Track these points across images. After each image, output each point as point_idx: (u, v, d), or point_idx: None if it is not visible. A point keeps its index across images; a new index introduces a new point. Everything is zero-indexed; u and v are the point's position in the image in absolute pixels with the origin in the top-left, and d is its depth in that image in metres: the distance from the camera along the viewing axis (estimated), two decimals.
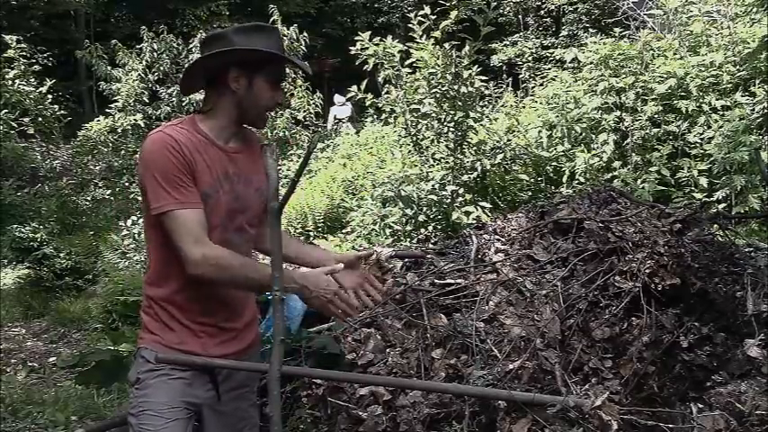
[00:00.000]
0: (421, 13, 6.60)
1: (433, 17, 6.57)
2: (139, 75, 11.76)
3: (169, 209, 1.83)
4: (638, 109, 6.96)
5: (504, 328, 3.03)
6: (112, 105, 11.69)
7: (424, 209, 6.65)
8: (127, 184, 10.94)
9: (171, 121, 2.04)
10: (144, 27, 12.33)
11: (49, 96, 10.94)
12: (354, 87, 7.06)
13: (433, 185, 6.64)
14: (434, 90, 6.59)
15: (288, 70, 8.82)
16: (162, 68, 12.05)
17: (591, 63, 7.58)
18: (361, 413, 2.77)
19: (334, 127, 12.98)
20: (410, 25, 6.78)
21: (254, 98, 1.93)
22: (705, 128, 6.60)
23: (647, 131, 6.79)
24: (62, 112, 11.17)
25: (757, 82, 6.74)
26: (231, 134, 1.98)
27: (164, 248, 1.95)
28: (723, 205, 6.09)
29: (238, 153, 1.99)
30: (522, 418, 2.61)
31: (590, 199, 3.76)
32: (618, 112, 7.02)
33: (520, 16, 18.24)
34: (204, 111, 1.97)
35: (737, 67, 6.87)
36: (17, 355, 5.24)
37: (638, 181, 6.48)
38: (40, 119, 10.78)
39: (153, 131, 1.93)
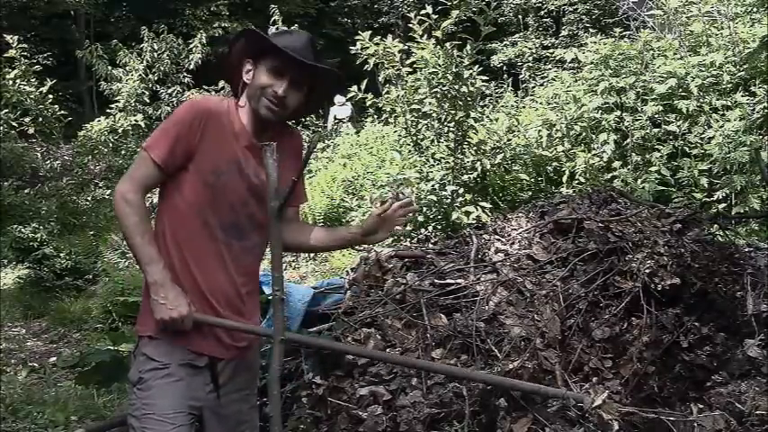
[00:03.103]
0: (423, 12, 6.60)
1: (435, 17, 6.57)
2: (140, 75, 11.77)
3: (147, 146, 1.96)
4: (639, 109, 6.96)
5: (505, 328, 3.03)
6: (113, 105, 11.69)
7: (424, 209, 6.65)
8: None
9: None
10: (144, 27, 12.34)
11: (50, 96, 10.92)
12: (354, 87, 7.06)
13: (433, 185, 6.64)
14: (435, 90, 6.59)
15: None
16: (162, 68, 12.05)
17: (591, 63, 7.58)
18: (361, 413, 2.77)
19: (334, 127, 12.97)
20: (410, 25, 6.78)
21: (254, 84, 1.99)
22: (705, 128, 6.60)
23: (648, 131, 6.79)
24: (62, 112, 11.15)
25: (757, 82, 6.74)
26: (261, 128, 2.02)
27: (164, 238, 1.99)
28: (723, 205, 6.08)
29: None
30: (523, 417, 2.61)
31: (590, 199, 3.76)
32: (618, 112, 7.02)
33: (520, 16, 18.22)
34: (241, 104, 2.05)
35: (738, 67, 6.87)
36: (17, 355, 5.24)
37: (638, 181, 6.47)
38: (40, 119, 10.76)
39: (209, 95, 2.03)
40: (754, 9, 7.58)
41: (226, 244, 1.99)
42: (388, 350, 3.05)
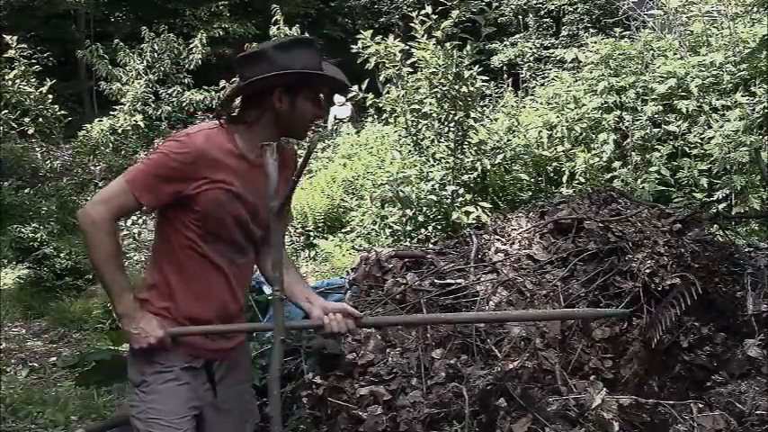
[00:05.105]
0: (423, 12, 6.60)
1: (435, 17, 6.58)
2: (141, 75, 11.77)
3: (126, 180, 1.88)
4: (639, 109, 6.96)
5: (504, 328, 3.03)
6: (117, 107, 11.69)
7: (424, 209, 6.65)
8: None
9: (205, 122, 2.04)
10: (144, 27, 12.35)
11: (50, 96, 10.91)
12: (355, 87, 7.05)
13: (432, 185, 6.64)
14: (435, 90, 6.60)
15: None
16: (162, 69, 12.06)
17: (591, 63, 7.58)
18: (361, 413, 2.77)
19: (335, 127, 12.96)
20: (411, 25, 6.79)
21: (297, 115, 1.94)
22: (705, 128, 6.60)
23: (648, 131, 6.79)
24: (62, 112, 11.15)
25: (757, 82, 6.74)
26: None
27: (164, 245, 1.98)
28: (723, 205, 6.09)
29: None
30: (523, 417, 2.61)
31: (590, 199, 3.76)
32: (618, 112, 7.02)
33: (520, 17, 18.23)
34: (244, 121, 1.96)
35: (738, 67, 6.87)
36: (17, 355, 5.24)
37: (638, 181, 6.47)
38: (40, 119, 10.76)
39: (191, 130, 1.94)
40: (754, 9, 7.58)
41: (228, 265, 1.99)
42: (388, 350, 3.05)
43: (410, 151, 7.26)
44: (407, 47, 6.85)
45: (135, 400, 1.99)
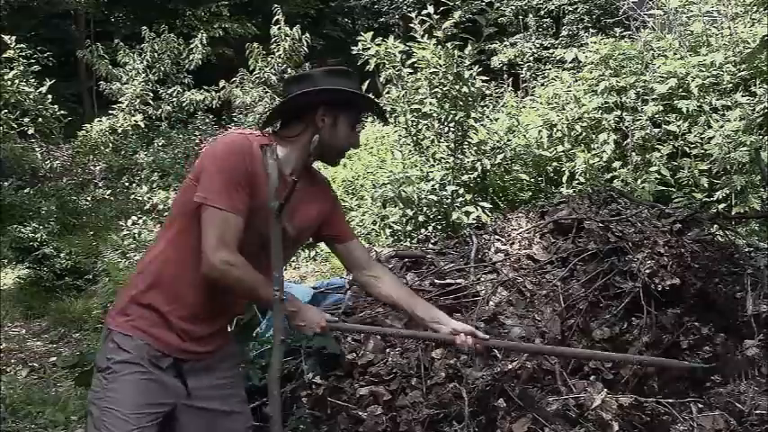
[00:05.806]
0: (424, 12, 6.61)
1: (436, 17, 6.59)
2: (145, 78, 11.78)
3: (215, 205, 1.88)
4: (639, 109, 6.96)
5: (504, 328, 3.03)
6: (116, 106, 11.69)
7: (424, 209, 6.65)
8: (127, 184, 10.94)
9: (248, 129, 2.12)
10: (144, 27, 12.35)
11: (49, 96, 10.91)
12: None
13: (433, 185, 6.64)
14: (435, 90, 6.60)
15: None
16: (162, 68, 12.07)
17: (591, 63, 7.58)
18: (361, 413, 2.77)
19: None
20: (411, 25, 6.80)
21: (335, 136, 2.05)
22: (705, 128, 6.60)
23: (648, 131, 6.79)
24: (62, 112, 11.15)
25: (757, 82, 6.74)
26: (299, 167, 2.03)
27: (181, 237, 1.98)
28: (723, 205, 6.08)
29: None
30: (522, 417, 2.61)
31: (590, 199, 3.76)
32: (618, 112, 7.02)
33: (520, 17, 18.23)
34: (284, 136, 2.05)
35: (738, 67, 6.88)
36: (17, 355, 5.24)
37: (638, 181, 6.48)
38: (40, 119, 10.75)
39: (235, 130, 2.08)
40: (754, 9, 7.58)
41: None
42: (388, 350, 3.05)
43: (410, 151, 7.26)
44: (407, 47, 6.86)
45: (96, 385, 1.98)
